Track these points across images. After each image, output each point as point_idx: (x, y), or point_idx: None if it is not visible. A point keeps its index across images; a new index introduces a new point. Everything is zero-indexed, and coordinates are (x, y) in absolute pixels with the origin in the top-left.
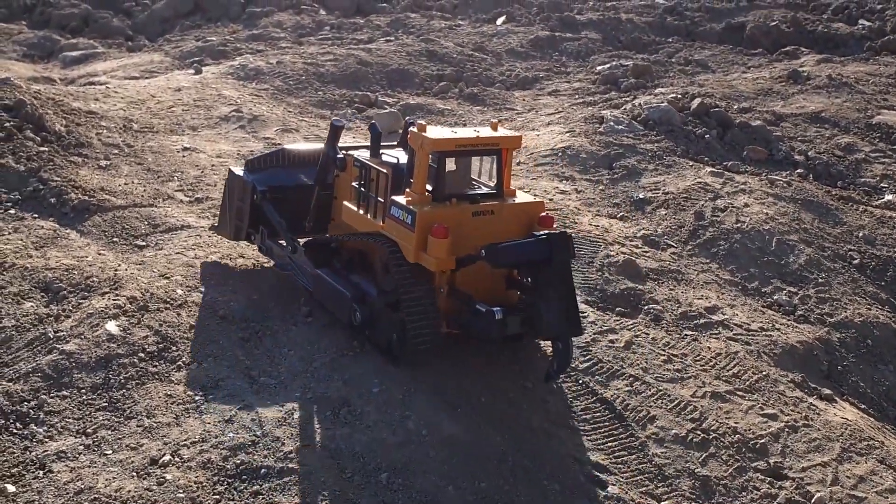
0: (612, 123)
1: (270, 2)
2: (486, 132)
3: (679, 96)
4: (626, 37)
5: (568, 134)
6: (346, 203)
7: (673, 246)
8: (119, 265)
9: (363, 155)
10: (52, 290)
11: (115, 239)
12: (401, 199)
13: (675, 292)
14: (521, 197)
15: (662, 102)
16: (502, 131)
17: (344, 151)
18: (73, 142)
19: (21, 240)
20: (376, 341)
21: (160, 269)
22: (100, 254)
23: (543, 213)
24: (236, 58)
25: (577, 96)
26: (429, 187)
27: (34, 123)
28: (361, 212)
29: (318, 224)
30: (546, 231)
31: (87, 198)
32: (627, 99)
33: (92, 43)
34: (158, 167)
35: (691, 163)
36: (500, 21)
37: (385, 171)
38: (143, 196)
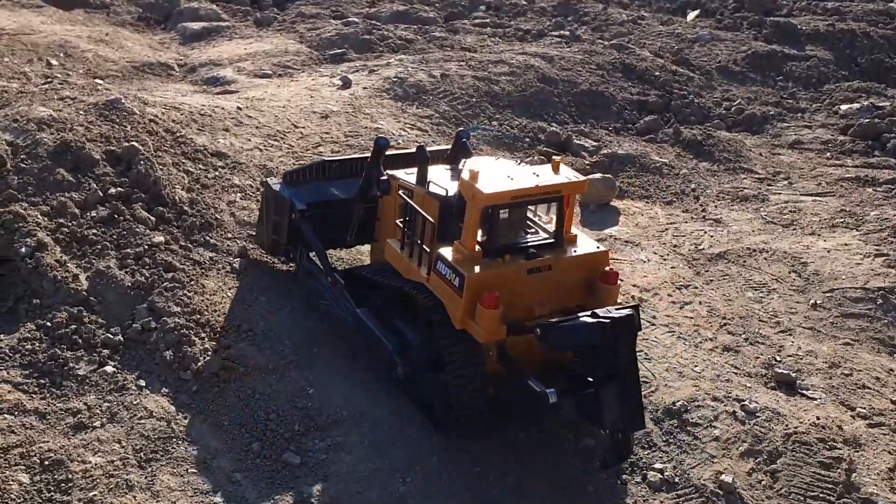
0: None
1: None
2: (546, 177)
3: None
4: (864, 58)
5: (880, 260)
6: (389, 242)
7: None
8: None
9: (410, 183)
10: None
11: (253, 444)
12: (448, 254)
13: None
14: (583, 245)
15: None
16: (564, 172)
17: (388, 173)
18: (198, 221)
19: (119, 442)
20: (417, 401)
21: None
22: (234, 481)
23: (608, 268)
24: (389, 60)
25: (828, 154)
26: (480, 236)
27: (148, 191)
28: (406, 254)
29: (360, 238)
30: (610, 313)
31: (217, 351)
32: None
33: (215, 9)
34: None
35: None
36: (691, 17)
37: (431, 219)
38: (292, 346)
